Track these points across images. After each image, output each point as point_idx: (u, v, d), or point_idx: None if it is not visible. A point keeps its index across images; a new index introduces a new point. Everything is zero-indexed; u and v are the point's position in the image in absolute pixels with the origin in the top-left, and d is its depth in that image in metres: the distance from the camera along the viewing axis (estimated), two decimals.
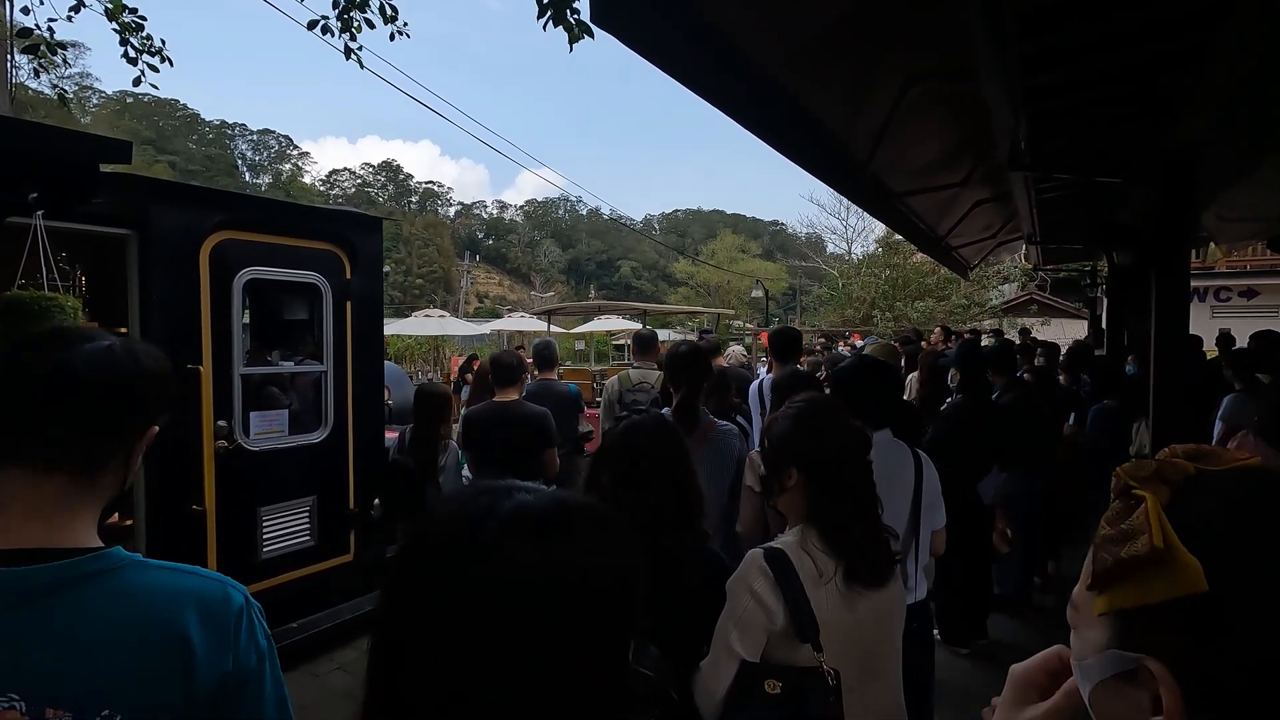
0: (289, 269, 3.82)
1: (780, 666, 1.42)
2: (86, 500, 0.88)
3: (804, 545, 1.51)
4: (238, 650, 0.86)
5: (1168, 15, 2.40)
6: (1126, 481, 0.58)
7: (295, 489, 3.86)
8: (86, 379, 0.87)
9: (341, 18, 4.71)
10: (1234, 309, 14.94)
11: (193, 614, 0.84)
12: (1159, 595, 0.52)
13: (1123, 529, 0.55)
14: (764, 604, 1.43)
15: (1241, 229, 6.61)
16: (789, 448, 1.60)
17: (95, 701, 0.77)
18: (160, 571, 0.87)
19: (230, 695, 0.85)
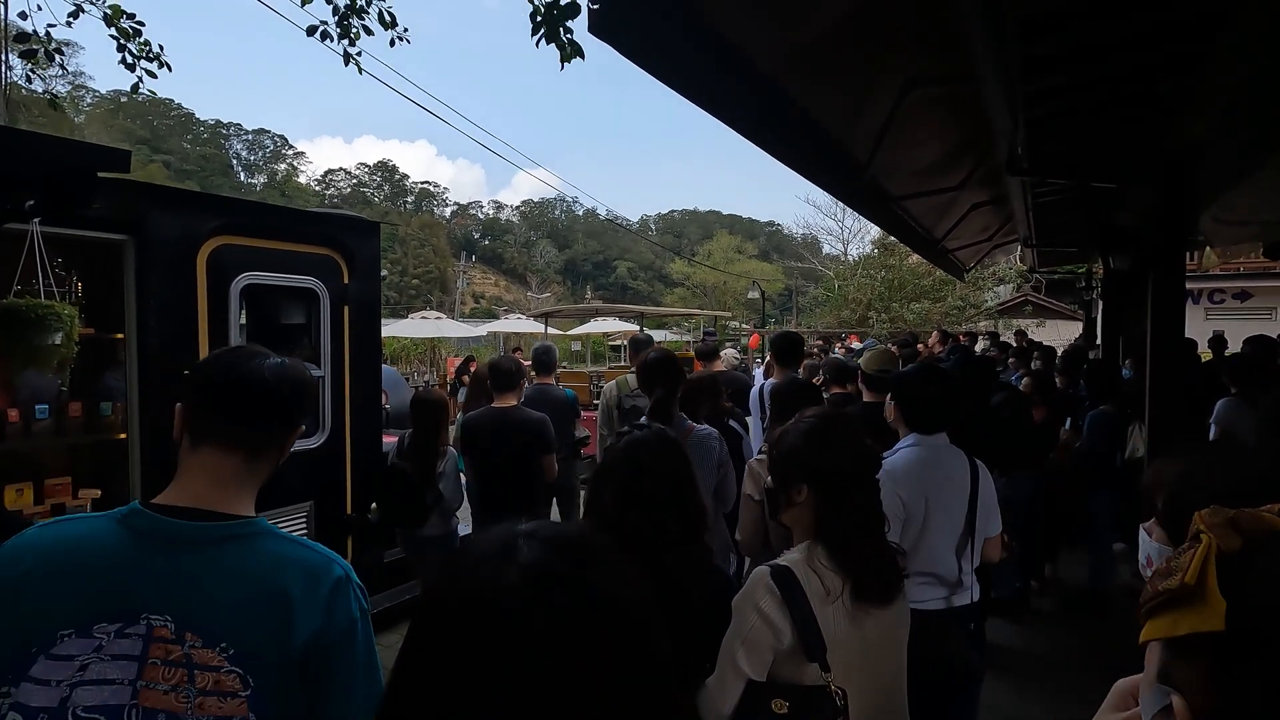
0: (286, 274, 3.80)
1: (787, 685, 1.40)
2: (251, 477, 1.11)
3: (811, 563, 1.49)
4: (331, 613, 1.01)
5: (1168, 21, 2.41)
6: (1198, 526, 0.60)
7: (292, 495, 3.84)
8: (271, 383, 1.12)
9: (341, 24, 4.68)
10: (1228, 311, 15.02)
11: (298, 578, 1.01)
12: (1184, 629, 0.55)
13: (1169, 567, 0.59)
14: (771, 623, 1.42)
15: (1237, 232, 6.64)
16: (800, 463, 1.59)
17: (218, 635, 0.96)
18: (283, 541, 1.07)
19: (321, 653, 1.00)
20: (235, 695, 0.94)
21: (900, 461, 2.37)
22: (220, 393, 1.12)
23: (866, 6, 2.26)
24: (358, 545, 4.22)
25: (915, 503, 2.32)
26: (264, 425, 1.12)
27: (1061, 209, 5.59)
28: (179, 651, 0.94)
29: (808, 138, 3.23)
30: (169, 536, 1.00)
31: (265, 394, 1.12)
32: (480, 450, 3.54)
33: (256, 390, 1.11)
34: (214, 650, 0.95)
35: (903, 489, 2.30)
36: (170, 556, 0.99)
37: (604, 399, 4.34)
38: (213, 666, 0.95)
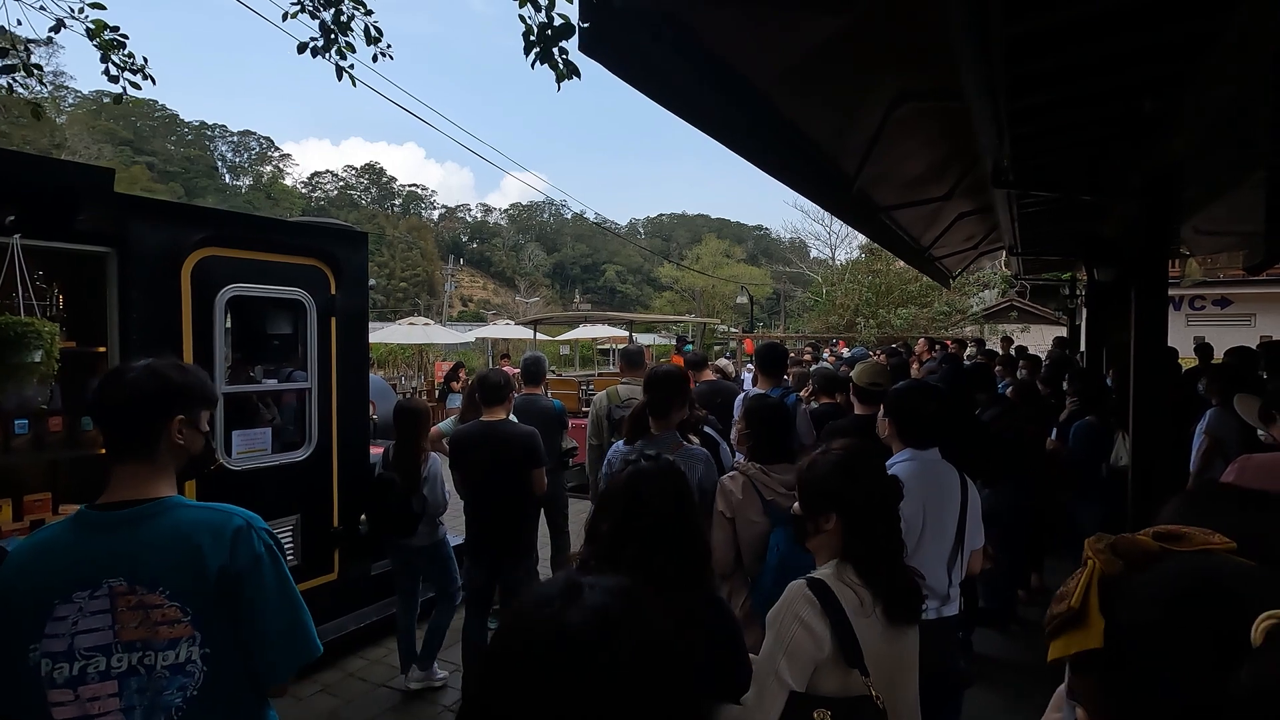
0: (272, 285, 3.76)
1: (828, 696, 1.44)
2: (158, 468, 1.44)
3: (842, 578, 1.56)
4: (234, 552, 1.38)
5: (1152, 43, 2.44)
6: (1086, 552, 0.67)
7: (278, 508, 3.80)
8: (116, 406, 1.42)
9: (326, 39, 4.62)
10: (1208, 317, 15.22)
11: (205, 533, 1.38)
12: (1075, 648, 0.62)
13: (1060, 593, 0.66)
14: (812, 631, 1.46)
15: (1217, 242, 6.74)
16: (830, 493, 1.66)
17: (157, 582, 1.34)
18: (192, 509, 1.42)
19: (232, 581, 1.37)
20: (179, 621, 1.35)
21: (899, 475, 2.37)
22: (95, 413, 1.48)
23: (857, 24, 2.27)
24: (345, 558, 4.18)
25: (914, 516, 2.36)
26: (131, 430, 1.41)
27: (1046, 220, 5.65)
28: (135, 599, 1.33)
29: (797, 152, 3.24)
30: (108, 523, 1.37)
31: (121, 404, 1.41)
32: (469, 464, 3.51)
33: (112, 404, 1.41)
34: (156, 593, 1.34)
35: (904, 502, 2.31)
36: (112, 536, 1.36)
37: (594, 409, 4.33)
38: (158, 604, 1.34)
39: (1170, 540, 0.65)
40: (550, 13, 3.69)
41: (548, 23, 3.59)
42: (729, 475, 2.67)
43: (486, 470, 3.46)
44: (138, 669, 1.34)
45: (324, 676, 3.89)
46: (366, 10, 4.81)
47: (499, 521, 3.50)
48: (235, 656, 1.39)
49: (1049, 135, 3.60)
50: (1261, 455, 2.42)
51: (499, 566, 3.56)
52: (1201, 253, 7.65)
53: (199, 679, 1.36)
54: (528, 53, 3.53)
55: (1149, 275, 3.61)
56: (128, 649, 1.33)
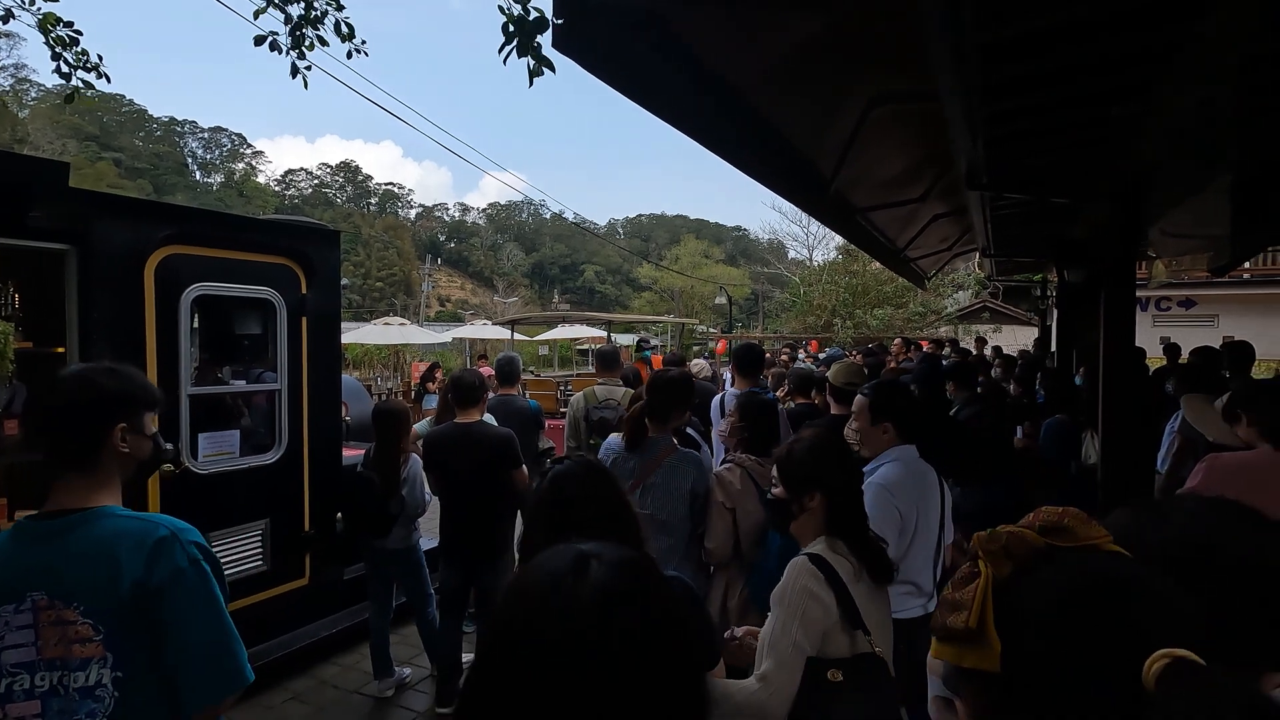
0: (241, 284, 3.67)
1: (836, 658, 1.58)
2: (96, 479, 1.35)
3: (835, 550, 1.71)
4: (152, 565, 1.28)
5: (1122, 51, 2.47)
6: (976, 550, 0.67)
7: (247, 512, 3.71)
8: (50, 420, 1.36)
9: (294, 34, 4.50)
10: (1174, 318, 15.62)
11: (123, 544, 1.28)
12: (968, 663, 0.64)
13: (956, 598, 0.66)
14: (820, 599, 1.60)
15: (1183, 244, 6.89)
16: (813, 474, 1.80)
17: (73, 597, 1.26)
18: (119, 519, 1.33)
19: (148, 598, 1.26)
20: (91, 640, 1.26)
21: (892, 475, 2.44)
22: (31, 426, 1.42)
23: (834, 26, 2.27)
24: (316, 563, 4.10)
25: (909, 515, 2.41)
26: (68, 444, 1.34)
27: (1018, 222, 5.73)
28: (54, 614, 1.26)
29: (774, 152, 3.24)
30: (39, 533, 1.31)
31: (56, 418, 1.35)
32: (443, 466, 3.46)
33: (46, 417, 1.36)
34: (71, 609, 1.26)
35: (900, 502, 2.39)
36: (40, 548, 1.30)
37: (571, 411, 4.29)
38: (72, 620, 1.26)
39: (1054, 534, 0.65)
40: (527, 5, 3.64)
41: (525, 15, 3.54)
42: (726, 467, 2.73)
43: (460, 472, 3.42)
44: (58, 689, 1.26)
45: (295, 684, 3.81)
46: (338, 5, 4.71)
47: (473, 523, 3.46)
48: (151, 681, 1.28)
49: (1023, 138, 3.64)
50: (1228, 455, 2.46)
51: (474, 569, 3.51)
52: (1168, 255, 7.83)
53: (109, 705, 1.26)
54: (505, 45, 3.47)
55: (1118, 277, 3.68)
56: (49, 667, 1.26)
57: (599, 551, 0.69)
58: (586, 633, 0.62)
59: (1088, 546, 0.64)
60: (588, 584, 0.65)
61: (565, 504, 1.58)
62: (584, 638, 0.62)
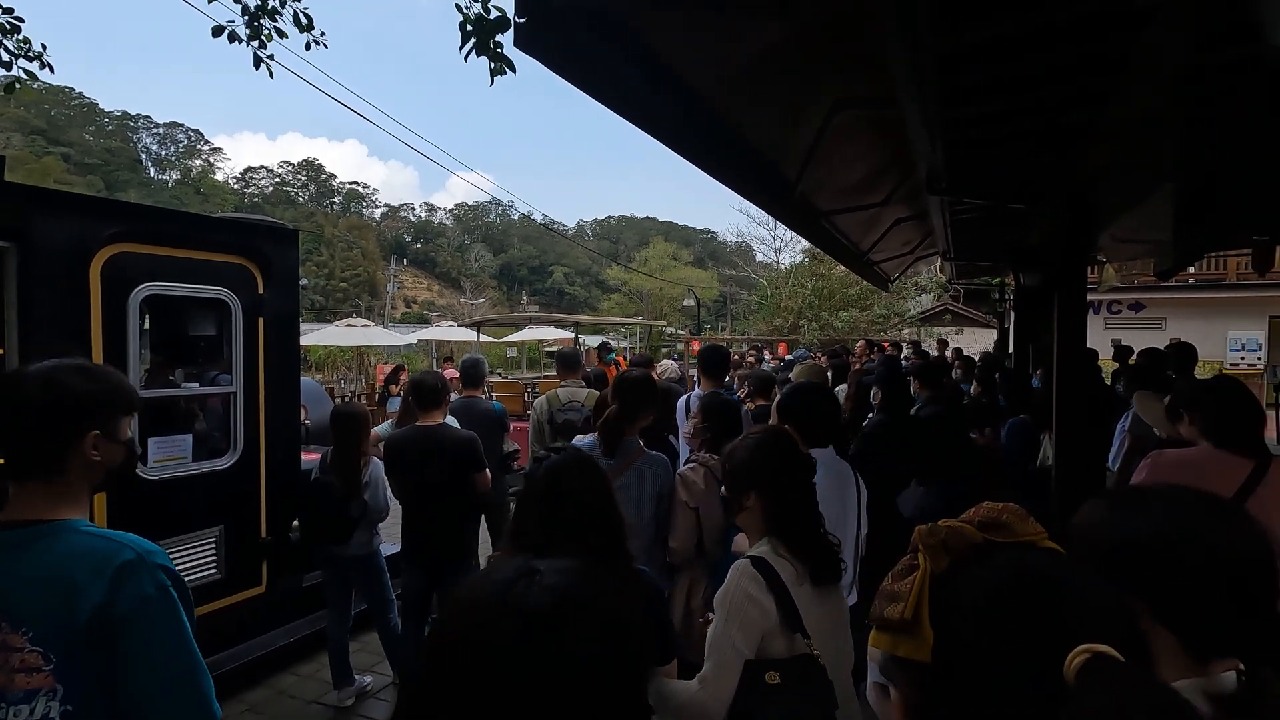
0: (194, 284, 3.56)
1: (775, 659, 1.60)
2: (59, 491, 1.23)
3: (777, 552, 1.71)
4: (115, 592, 1.14)
5: (1074, 61, 2.55)
6: (917, 543, 0.69)
7: (200, 519, 3.60)
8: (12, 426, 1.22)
9: (251, 25, 4.39)
10: (1124, 320, 16.18)
11: (83, 566, 1.15)
12: (902, 653, 0.65)
13: (894, 589, 0.68)
14: (759, 603, 1.61)
15: (1132, 249, 7.14)
16: (748, 474, 1.81)
17: (21, 620, 1.13)
18: (81, 536, 1.20)
19: (108, 626, 1.13)
20: (40, 670, 1.13)
21: None
22: None
23: (798, 32, 2.29)
24: (273, 569, 3.99)
25: (828, 514, 2.41)
26: (32, 451, 1.21)
27: (977, 226, 5.87)
28: None
29: (739, 155, 3.26)
30: None
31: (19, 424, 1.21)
32: (406, 470, 3.41)
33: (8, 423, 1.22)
34: (18, 634, 1.14)
35: (822, 504, 2.38)
36: None
37: (535, 414, 4.26)
38: (18, 648, 1.13)
39: (992, 529, 0.67)
40: (487, 4, 3.61)
41: (484, 14, 3.50)
42: (689, 466, 2.75)
43: (423, 475, 3.37)
44: None
45: (251, 695, 3.70)
46: None
47: (436, 527, 3.41)
48: (104, 717, 1.16)
49: (981, 145, 3.73)
50: (1171, 452, 2.55)
51: (437, 573, 3.46)
52: (1118, 260, 8.11)
53: None
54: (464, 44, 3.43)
55: (1070, 280, 3.78)
56: None
57: (547, 566, 0.68)
58: (529, 648, 0.61)
59: (1025, 543, 0.66)
60: (533, 599, 0.64)
61: (560, 496, 1.65)
62: (526, 653, 0.61)
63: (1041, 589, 0.62)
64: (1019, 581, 0.63)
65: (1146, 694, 0.51)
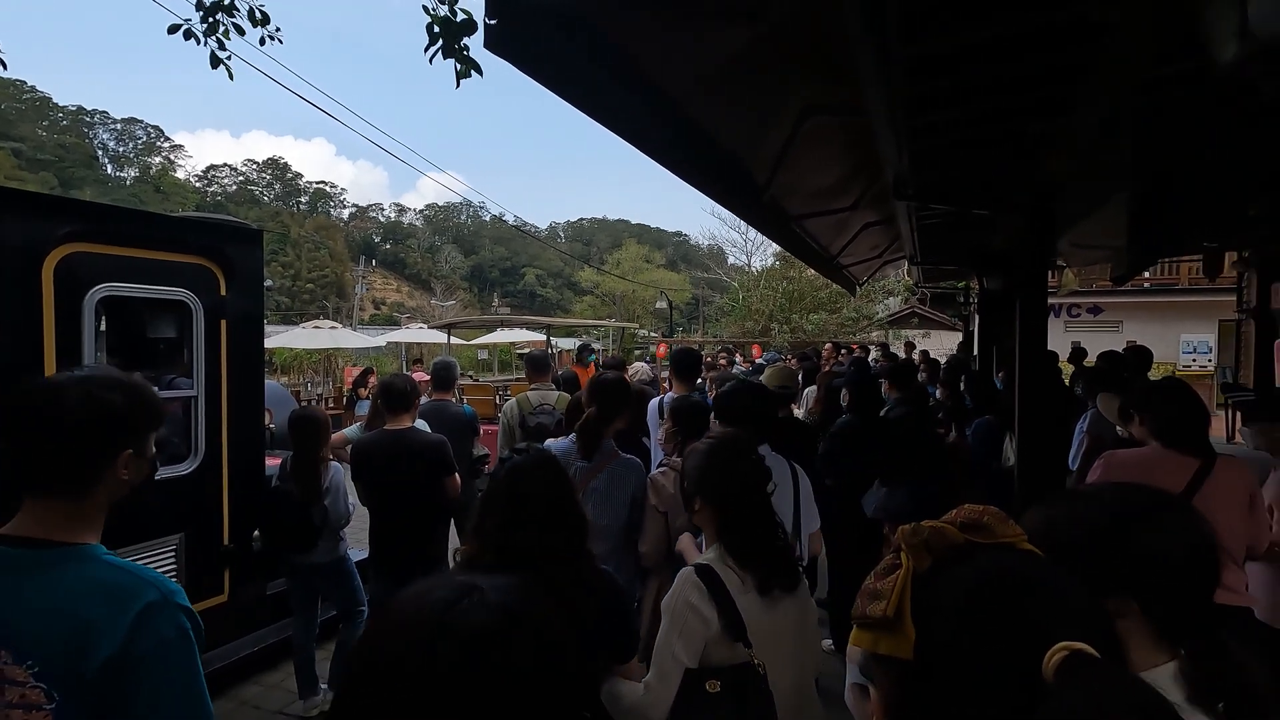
0: (153, 285, 3.46)
1: (716, 667, 1.60)
2: (80, 508, 1.15)
3: (724, 560, 1.71)
4: (134, 637, 1.05)
5: (1035, 71, 2.62)
6: (899, 543, 0.69)
7: (159, 527, 3.49)
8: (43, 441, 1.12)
9: (206, 21, 4.26)
10: (1083, 324, 16.66)
11: (101, 603, 1.06)
12: (883, 650, 0.66)
13: (876, 588, 0.68)
14: (700, 613, 1.62)
15: (1090, 254, 7.36)
16: (696, 482, 1.81)
17: (26, 653, 1.04)
18: (102, 567, 1.12)
19: (121, 674, 1.04)
20: (40, 708, 1.04)
21: None
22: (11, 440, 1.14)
23: (768, 37, 2.31)
24: (236, 578, 3.89)
25: None
26: (61, 469, 1.13)
27: (943, 231, 5.99)
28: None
29: (710, 158, 3.28)
30: None
31: (53, 441, 1.12)
32: (374, 475, 3.35)
33: (39, 438, 1.12)
34: (22, 667, 1.05)
35: None
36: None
37: (505, 417, 4.22)
38: (19, 681, 1.04)
39: (974, 531, 0.68)
40: (454, 6, 3.57)
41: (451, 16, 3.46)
42: (660, 471, 2.74)
43: (391, 481, 3.31)
44: None
45: (214, 707, 3.59)
46: None
47: (405, 534, 3.36)
48: None
49: (946, 151, 3.81)
50: (1123, 452, 2.63)
51: (406, 580, 3.40)
52: (1077, 265, 8.34)
53: None
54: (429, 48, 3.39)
55: (1031, 284, 3.88)
56: None
57: (488, 583, 0.67)
58: (473, 668, 0.60)
59: (1004, 545, 0.67)
60: (475, 618, 0.63)
61: (520, 498, 1.66)
62: (469, 674, 0.60)
63: (1020, 589, 0.64)
64: (999, 581, 0.64)
65: (1124, 690, 0.52)
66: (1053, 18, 2.22)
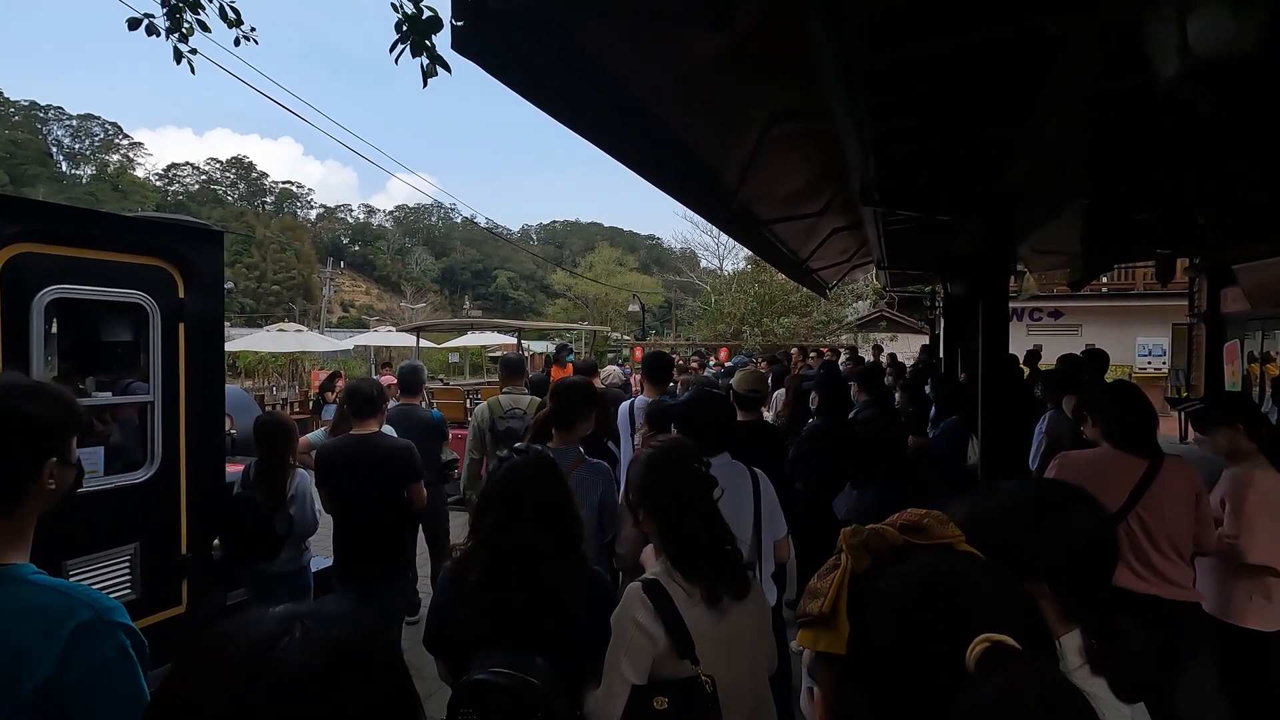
0: (107, 287, 3.35)
1: (665, 682, 1.60)
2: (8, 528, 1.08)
3: (670, 574, 1.69)
4: (68, 659, 1.00)
5: (994, 81, 2.69)
6: (841, 543, 0.72)
7: (113, 536, 3.38)
8: None
9: (172, 17, 4.13)
10: (1044, 327, 17.11)
11: (33, 626, 1.00)
12: (821, 647, 0.68)
13: (816, 587, 0.71)
14: (647, 631, 1.60)
15: (1049, 260, 7.56)
16: (638, 491, 1.81)
17: None
18: (33, 588, 1.06)
19: (57, 698, 0.99)
20: None
21: None
22: None
23: (736, 44, 2.34)
24: (194, 588, 3.78)
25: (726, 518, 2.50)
26: None
27: (909, 236, 6.11)
28: None
29: (679, 164, 3.30)
30: None
31: None
32: (339, 481, 3.29)
33: None
34: None
35: None
36: None
37: (475, 421, 4.18)
38: None
39: (913, 532, 0.70)
40: (419, 4, 3.53)
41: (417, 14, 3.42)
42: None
43: (357, 487, 3.26)
44: None
45: None
46: None
47: (371, 541, 3.31)
48: None
49: (911, 158, 3.88)
50: (1077, 453, 2.71)
51: (371, 589, 3.36)
52: (1037, 270, 8.56)
53: None
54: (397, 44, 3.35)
55: (992, 289, 3.97)
56: None
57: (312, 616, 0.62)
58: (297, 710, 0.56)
59: (943, 545, 0.69)
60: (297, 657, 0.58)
61: (516, 497, 1.68)
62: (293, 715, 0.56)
63: (952, 586, 0.66)
64: (931, 580, 0.67)
65: (1038, 678, 0.55)
66: (1010, 30, 2.28)
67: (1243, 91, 1.35)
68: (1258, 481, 2.59)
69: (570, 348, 11.95)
